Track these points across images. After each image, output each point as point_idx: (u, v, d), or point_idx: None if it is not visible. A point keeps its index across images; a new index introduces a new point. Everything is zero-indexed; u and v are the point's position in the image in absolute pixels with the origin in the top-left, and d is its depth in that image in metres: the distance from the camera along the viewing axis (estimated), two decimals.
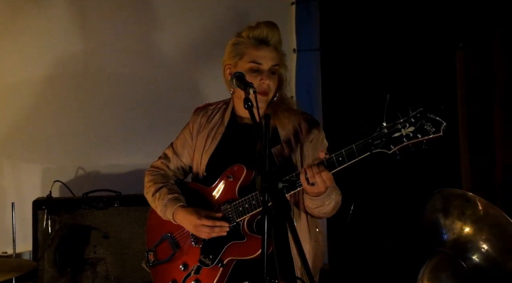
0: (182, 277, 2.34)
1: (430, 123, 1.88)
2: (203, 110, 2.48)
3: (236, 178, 2.28)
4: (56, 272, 3.26)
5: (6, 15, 3.62)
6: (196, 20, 3.84)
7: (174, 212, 2.32)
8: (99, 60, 3.79)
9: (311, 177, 1.98)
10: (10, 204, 3.36)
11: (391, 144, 1.90)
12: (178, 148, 2.50)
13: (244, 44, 2.28)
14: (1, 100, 3.62)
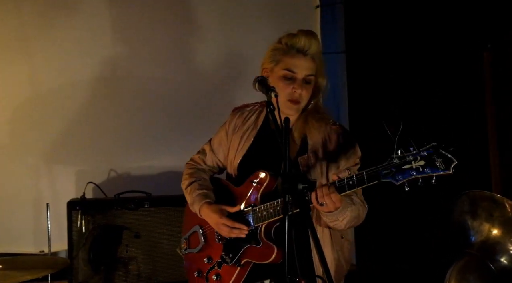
0: (207, 268, 2.38)
1: (442, 159, 1.84)
2: (240, 111, 2.49)
3: (260, 183, 2.29)
4: (90, 270, 3.31)
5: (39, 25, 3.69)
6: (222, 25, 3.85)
7: (201, 207, 2.35)
8: (129, 66, 3.84)
9: (321, 197, 2.00)
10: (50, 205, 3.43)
11: (400, 176, 1.87)
12: (215, 144, 2.52)
13: (282, 51, 2.28)
14: (36, 108, 3.70)
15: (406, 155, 1.87)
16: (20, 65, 3.71)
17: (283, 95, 2.25)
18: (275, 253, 2.20)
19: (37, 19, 3.73)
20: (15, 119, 3.73)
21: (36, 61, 3.73)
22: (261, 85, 2.07)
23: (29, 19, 3.73)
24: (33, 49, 3.71)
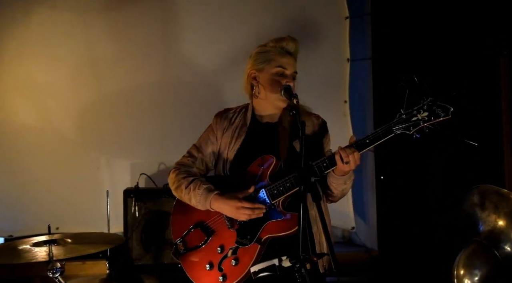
0: (219, 258, 2.37)
1: (440, 109, 2.11)
2: (224, 114, 2.61)
3: (267, 166, 2.38)
4: (142, 250, 3.47)
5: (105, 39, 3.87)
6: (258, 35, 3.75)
7: (212, 200, 2.36)
8: (177, 71, 3.96)
9: (345, 157, 2.18)
10: (109, 192, 3.60)
11: (411, 127, 2.13)
12: (202, 147, 2.58)
13: (272, 52, 2.46)
14: (98, 109, 3.90)
15: (412, 110, 2.14)
16: (86, 72, 3.89)
17: (275, 89, 2.42)
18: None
19: (103, 35, 3.90)
20: (81, 118, 3.90)
21: (100, 69, 3.90)
22: (286, 93, 2.28)
23: (96, 35, 3.90)
24: (98, 58, 3.87)
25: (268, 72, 2.43)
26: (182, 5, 3.95)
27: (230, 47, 3.94)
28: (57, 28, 3.82)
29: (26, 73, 3.85)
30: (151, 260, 3.45)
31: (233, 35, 3.95)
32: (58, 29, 3.83)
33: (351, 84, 4.02)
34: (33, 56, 3.84)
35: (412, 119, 2.14)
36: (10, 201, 3.76)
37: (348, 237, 4.25)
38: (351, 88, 4.02)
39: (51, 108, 3.87)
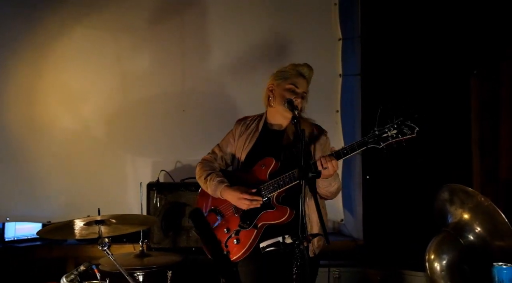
0: (225, 237, 2.64)
1: (407, 128, 2.27)
2: (243, 121, 2.86)
3: (267, 166, 2.62)
4: (162, 235, 3.61)
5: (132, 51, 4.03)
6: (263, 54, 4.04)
7: (222, 190, 2.64)
8: (192, 82, 4.09)
9: (324, 163, 2.38)
10: (132, 186, 3.86)
11: (381, 141, 2.31)
12: (223, 147, 2.84)
13: (289, 72, 2.70)
14: (124, 113, 4.03)
15: (384, 127, 2.30)
16: (115, 82, 4.03)
17: (285, 102, 2.61)
18: (288, 213, 2.53)
19: (130, 50, 4.03)
20: (110, 121, 4.02)
21: (127, 80, 4.04)
22: (289, 105, 2.50)
23: (124, 50, 4.02)
24: (125, 71, 4.02)
25: (282, 87, 2.66)
26: (197, 25, 4.06)
27: (237, 63, 4.07)
28: (90, 45, 3.95)
29: (64, 84, 3.97)
30: (169, 244, 3.59)
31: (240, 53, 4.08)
32: (91, 45, 3.95)
33: (343, 96, 4.10)
34: (70, 69, 3.97)
35: (383, 135, 2.31)
36: (48, 191, 3.90)
37: (337, 228, 4.34)
38: (342, 99, 4.10)
39: (85, 113, 4.01)
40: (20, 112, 3.91)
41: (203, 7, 4.05)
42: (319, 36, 4.11)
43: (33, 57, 3.91)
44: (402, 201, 3.89)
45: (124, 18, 3.98)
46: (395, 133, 2.30)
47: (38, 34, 3.89)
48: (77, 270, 2.45)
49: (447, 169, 3.87)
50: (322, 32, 4.11)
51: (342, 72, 4.11)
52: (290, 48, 4.09)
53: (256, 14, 4.09)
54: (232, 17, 4.07)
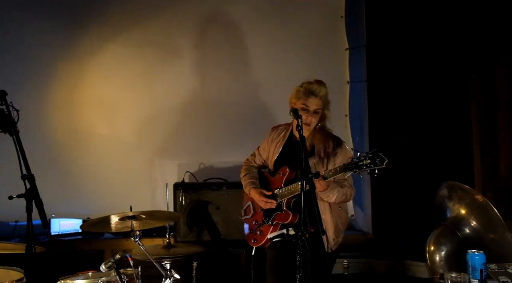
0: (255, 227, 2.96)
1: (379, 159, 2.40)
2: (276, 128, 3.07)
3: (283, 174, 2.86)
4: (187, 229, 3.79)
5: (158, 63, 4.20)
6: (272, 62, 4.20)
7: (250, 190, 2.95)
8: (213, 92, 4.24)
9: (316, 182, 2.56)
10: (159, 186, 4.03)
11: (357, 169, 2.45)
12: (261, 150, 3.10)
13: (301, 92, 2.84)
14: (152, 120, 4.19)
15: (359, 157, 2.44)
16: (144, 92, 4.21)
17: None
18: (291, 217, 2.76)
19: (157, 63, 4.19)
20: (139, 128, 4.21)
21: (155, 89, 4.20)
22: (294, 114, 2.63)
23: (151, 63, 4.19)
24: (153, 81, 4.18)
25: (298, 106, 2.79)
26: (217, 40, 4.20)
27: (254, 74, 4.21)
28: (122, 60, 4.14)
29: (100, 95, 4.17)
30: (194, 237, 3.76)
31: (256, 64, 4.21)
32: (122, 60, 4.14)
33: (351, 101, 4.21)
34: (105, 81, 4.16)
35: (359, 163, 2.45)
36: (87, 191, 4.09)
37: (350, 223, 4.27)
38: (350, 104, 4.21)
39: (117, 120, 4.20)
40: (61, 120, 4.13)
41: (222, 25, 4.20)
42: (328, 47, 4.22)
43: (72, 71, 4.11)
44: (407, 198, 3.96)
45: (150, 36, 4.15)
46: (368, 162, 2.43)
47: (77, 51, 4.10)
48: (113, 258, 2.65)
49: (450, 168, 3.92)
50: (331, 43, 4.22)
51: (350, 79, 4.22)
52: (301, 58, 4.20)
53: (269, 27, 4.21)
54: (248, 33, 4.21)
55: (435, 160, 4.00)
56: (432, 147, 4.04)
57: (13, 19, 4.01)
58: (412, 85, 4.05)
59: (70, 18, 4.07)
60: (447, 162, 3.97)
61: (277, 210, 2.83)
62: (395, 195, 4.03)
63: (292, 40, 4.23)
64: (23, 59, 4.02)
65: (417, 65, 4.05)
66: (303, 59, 4.19)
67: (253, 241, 2.95)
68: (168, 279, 2.64)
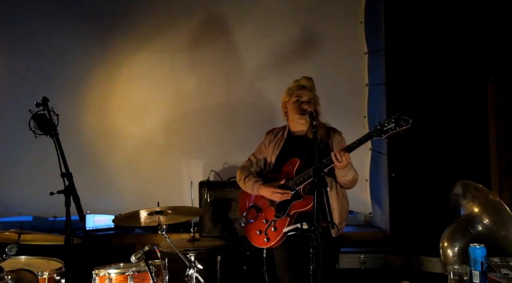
0: (265, 227, 2.95)
1: (403, 121, 2.51)
2: (271, 132, 3.17)
3: (293, 165, 2.93)
4: (212, 225, 3.91)
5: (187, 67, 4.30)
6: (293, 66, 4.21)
7: (258, 187, 2.96)
8: (237, 95, 4.36)
9: (339, 157, 2.67)
10: (186, 184, 4.15)
11: (382, 134, 2.56)
12: (257, 154, 3.17)
13: (293, 88, 3.03)
14: (180, 122, 4.32)
15: (384, 122, 2.55)
16: (172, 96, 4.33)
17: (295, 112, 2.92)
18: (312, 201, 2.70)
19: (185, 69, 4.32)
20: (167, 129, 4.33)
21: (182, 93, 4.33)
22: (310, 116, 2.77)
23: (179, 69, 4.31)
24: (180, 86, 4.33)
25: (291, 101, 2.98)
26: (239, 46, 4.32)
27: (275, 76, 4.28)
28: (151, 66, 4.29)
29: (131, 98, 4.34)
30: (218, 233, 3.87)
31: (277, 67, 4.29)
32: (152, 66, 4.29)
33: (369, 103, 4.27)
34: (135, 86, 4.33)
35: (383, 129, 2.56)
36: (118, 189, 4.27)
37: (368, 221, 4.50)
38: (369, 106, 4.26)
39: (146, 121, 4.35)
40: (95, 121, 4.31)
41: (243, 31, 4.32)
42: (348, 51, 4.31)
43: (105, 75, 4.30)
44: (424, 197, 4.02)
45: (178, 43, 4.30)
46: (393, 126, 2.54)
47: (110, 57, 4.29)
48: (142, 250, 2.86)
49: (467, 167, 3.95)
50: (350, 47, 4.29)
51: (369, 82, 4.29)
52: (322, 61, 4.29)
53: (290, 32, 4.31)
54: (268, 37, 4.31)
55: (453, 160, 4.03)
56: (450, 147, 4.06)
57: (51, 29, 4.24)
58: (430, 87, 4.09)
59: (102, 29, 4.27)
60: (465, 162, 4.00)
61: (293, 199, 2.87)
62: (412, 194, 4.08)
63: (313, 45, 4.32)
64: (61, 67, 4.24)
65: (435, 67, 4.09)
66: (324, 63, 4.27)
67: (266, 241, 2.92)
68: (192, 269, 2.81)
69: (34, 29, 4.23)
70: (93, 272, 3.08)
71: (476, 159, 4.03)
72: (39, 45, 4.24)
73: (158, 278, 3.01)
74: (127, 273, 3.01)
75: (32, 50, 4.24)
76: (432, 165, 4.06)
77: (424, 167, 4.06)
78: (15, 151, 4.21)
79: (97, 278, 3.04)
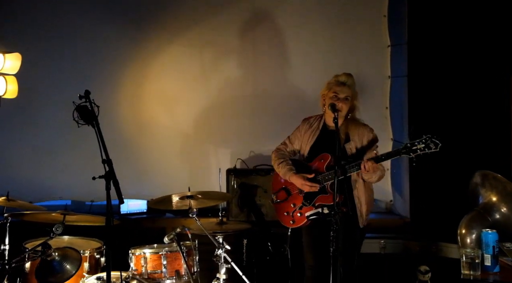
0: (292, 210, 3.14)
1: (433, 144, 2.61)
2: (307, 120, 3.27)
3: (324, 160, 3.06)
4: (238, 210, 4.03)
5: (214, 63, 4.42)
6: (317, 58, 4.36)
7: (290, 175, 3.11)
8: (262, 86, 4.46)
9: (367, 167, 2.80)
10: (214, 171, 4.29)
11: (411, 152, 2.66)
12: (292, 139, 3.27)
13: (332, 83, 3.11)
14: (208, 113, 4.40)
15: (414, 142, 2.66)
16: (201, 87, 4.46)
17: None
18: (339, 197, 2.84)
19: (212, 61, 4.45)
20: (196, 120, 4.46)
21: (210, 84, 4.45)
22: (332, 108, 2.90)
23: (207, 61, 4.43)
24: (209, 77, 4.45)
25: (329, 96, 3.07)
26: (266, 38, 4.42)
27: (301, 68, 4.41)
28: (181, 59, 4.41)
29: (161, 90, 4.46)
30: (244, 217, 3.99)
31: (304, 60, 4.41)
32: (182, 59, 4.41)
33: (392, 95, 4.36)
34: (166, 78, 4.46)
35: (413, 147, 2.66)
36: (150, 176, 4.43)
37: (389, 208, 4.56)
38: (391, 97, 4.36)
39: (177, 112, 4.48)
40: (127, 112, 4.47)
41: (271, 23, 4.43)
42: (371, 44, 4.40)
43: (136, 69, 4.45)
44: (444, 186, 4.05)
45: (206, 37, 4.43)
46: (422, 146, 2.65)
47: (141, 52, 4.44)
48: (175, 231, 3.05)
49: (488, 159, 3.96)
50: (374, 40, 4.38)
51: (391, 74, 4.37)
52: (346, 53, 4.39)
53: (314, 25, 4.40)
54: (295, 31, 4.42)
55: (473, 151, 4.07)
56: (471, 138, 4.09)
57: (84, 26, 4.42)
58: (452, 79, 4.12)
59: (135, 24, 4.43)
60: (485, 153, 4.02)
61: (320, 193, 3.03)
62: (432, 183, 4.13)
63: (337, 38, 4.42)
64: (97, 61, 4.42)
65: (456, 60, 4.11)
66: (347, 55, 4.37)
67: (292, 223, 3.13)
68: (221, 249, 2.99)
69: (70, 25, 4.41)
70: (130, 252, 3.28)
71: (497, 150, 4.05)
72: (71, 39, 4.41)
73: (189, 258, 3.20)
74: (160, 252, 3.21)
75: (64, 43, 4.42)
76: (452, 156, 4.01)
77: (444, 157, 3.77)
78: (55, 141, 4.42)
79: (134, 257, 3.25)
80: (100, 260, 3.26)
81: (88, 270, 3.14)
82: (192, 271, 3.22)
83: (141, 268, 3.20)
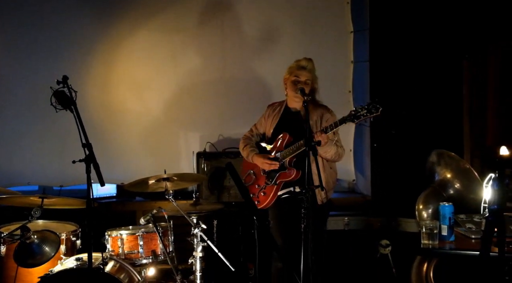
0: (257, 191, 3.28)
1: (374, 108, 2.74)
2: (271, 106, 3.41)
3: (283, 139, 3.19)
4: (208, 192, 4.12)
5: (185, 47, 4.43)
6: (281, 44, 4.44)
7: (252, 156, 3.28)
8: (231, 72, 4.50)
9: (316, 137, 2.88)
10: (184, 155, 4.36)
11: (355, 119, 2.80)
12: (258, 125, 3.43)
13: (293, 68, 3.23)
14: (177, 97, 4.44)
15: (357, 108, 2.79)
16: (169, 72, 4.47)
17: (292, 90, 3.15)
18: (295, 173, 3.07)
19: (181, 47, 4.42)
20: (166, 104, 4.47)
21: (180, 69, 4.48)
22: (302, 92, 2.99)
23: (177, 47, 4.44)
24: (178, 63, 4.47)
25: (290, 80, 3.20)
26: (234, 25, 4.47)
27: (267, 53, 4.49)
28: (151, 44, 4.41)
29: (131, 75, 4.44)
30: (215, 199, 4.06)
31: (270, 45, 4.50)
32: (151, 44, 4.41)
33: (354, 79, 4.46)
34: (136, 63, 4.44)
35: (356, 114, 2.79)
36: (120, 160, 4.43)
37: (352, 188, 4.74)
38: (354, 82, 4.46)
39: (146, 97, 4.49)
40: (96, 97, 4.44)
41: (237, 10, 4.49)
42: (334, 30, 4.50)
43: (106, 53, 4.42)
44: (402, 165, 4.24)
45: (176, 21, 4.43)
46: (365, 112, 2.78)
47: (111, 35, 4.42)
48: (151, 212, 3.15)
49: (443, 137, 4.18)
50: (337, 26, 4.48)
51: (354, 59, 4.48)
52: (310, 40, 4.48)
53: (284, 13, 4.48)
54: (261, 16, 4.49)
55: (429, 131, 4.27)
56: (427, 119, 4.28)
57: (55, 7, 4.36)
58: (411, 64, 4.29)
59: (107, 6, 4.41)
60: (441, 134, 4.23)
61: (280, 170, 3.15)
62: (392, 163, 4.32)
63: (302, 25, 4.51)
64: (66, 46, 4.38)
65: (415, 45, 4.28)
66: (312, 41, 4.46)
67: (257, 203, 3.23)
68: (197, 228, 3.12)
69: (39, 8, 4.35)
70: (106, 234, 3.36)
71: (451, 130, 4.28)
72: (43, 23, 4.36)
73: (164, 238, 3.31)
74: (137, 233, 3.30)
75: (36, 28, 4.36)
76: (410, 136, 4.30)
77: (403, 138, 4.29)
78: (23, 126, 4.39)
79: (110, 239, 3.33)
80: (76, 242, 3.32)
81: (65, 253, 3.19)
82: (168, 251, 3.32)
83: (118, 249, 3.28)
